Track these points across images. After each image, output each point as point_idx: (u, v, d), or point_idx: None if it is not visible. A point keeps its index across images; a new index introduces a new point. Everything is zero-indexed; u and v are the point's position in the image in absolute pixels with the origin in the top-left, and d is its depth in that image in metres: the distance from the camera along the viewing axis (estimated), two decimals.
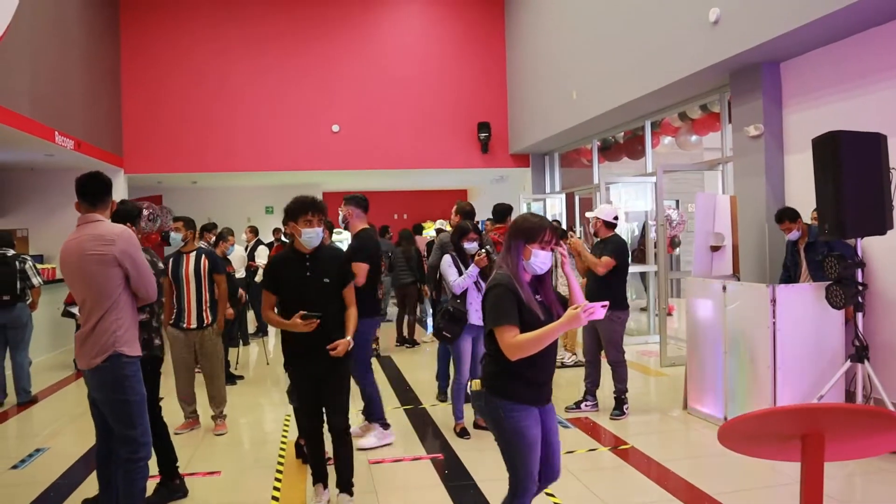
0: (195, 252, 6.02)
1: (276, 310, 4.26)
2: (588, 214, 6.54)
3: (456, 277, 5.63)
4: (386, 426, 5.60)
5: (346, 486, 4.26)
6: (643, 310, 11.12)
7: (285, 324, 4.09)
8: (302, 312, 4.02)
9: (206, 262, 5.97)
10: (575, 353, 8.37)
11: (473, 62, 13.75)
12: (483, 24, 13.77)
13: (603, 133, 11.38)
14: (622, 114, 9.74)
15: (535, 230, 2.99)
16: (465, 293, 5.63)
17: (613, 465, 4.99)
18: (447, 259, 5.74)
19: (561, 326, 2.76)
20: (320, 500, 4.26)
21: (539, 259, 2.97)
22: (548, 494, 4.39)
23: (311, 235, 4.11)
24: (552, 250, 3.02)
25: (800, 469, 2.23)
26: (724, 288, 5.71)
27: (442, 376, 7.02)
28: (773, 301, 5.20)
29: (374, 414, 5.53)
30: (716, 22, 6.79)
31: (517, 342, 2.82)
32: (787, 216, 6.07)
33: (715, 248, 6.70)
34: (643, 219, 11.00)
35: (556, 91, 11.21)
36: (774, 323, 5.20)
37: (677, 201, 15.57)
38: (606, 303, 2.72)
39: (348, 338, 4.19)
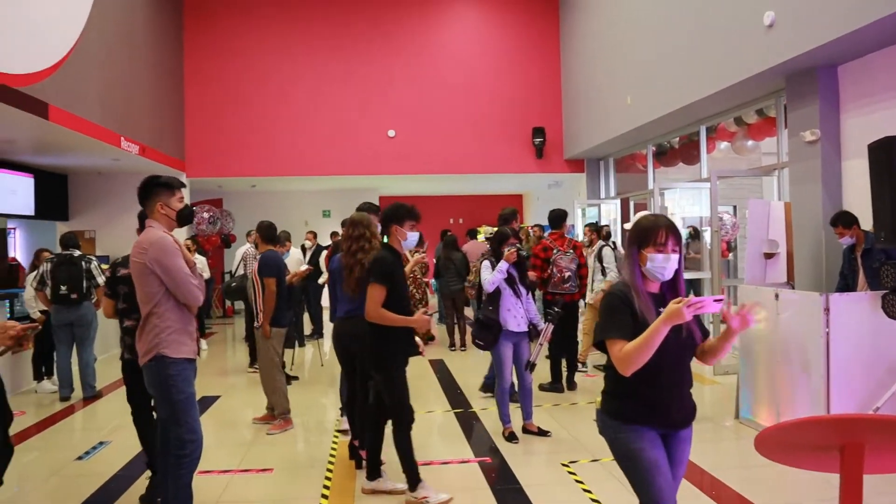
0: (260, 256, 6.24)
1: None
2: (626, 226, 6.54)
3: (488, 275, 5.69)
4: None
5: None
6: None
7: (407, 320, 4.35)
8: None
9: (256, 264, 6.17)
10: (584, 364, 8.39)
11: (528, 67, 13.79)
12: (538, 30, 13.81)
13: (658, 138, 11.29)
14: (677, 119, 9.66)
15: (647, 232, 2.68)
16: (498, 300, 5.65)
17: None
18: (485, 263, 5.79)
19: (663, 323, 2.47)
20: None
21: (657, 263, 2.66)
22: (594, 501, 4.41)
23: (415, 237, 4.60)
24: (674, 252, 2.68)
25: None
26: (777, 296, 5.63)
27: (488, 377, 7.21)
28: (826, 310, 5.09)
29: None
30: (770, 26, 6.70)
31: (624, 354, 2.56)
32: (841, 221, 5.94)
33: (769, 256, 6.59)
34: (697, 224, 10.79)
35: (610, 96, 11.17)
36: (828, 332, 5.09)
37: (734, 207, 15.26)
38: (722, 297, 2.49)
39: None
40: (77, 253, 7.60)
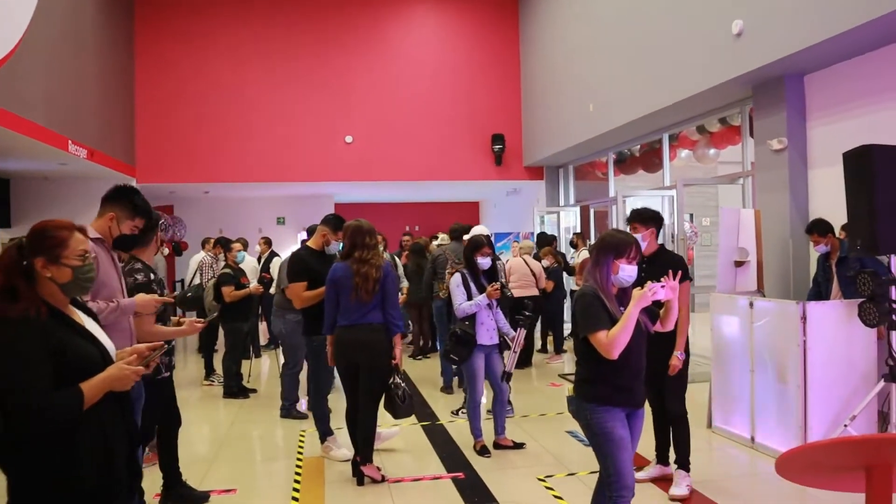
0: None
1: None
2: None
3: (463, 301, 5.49)
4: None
5: None
6: None
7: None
8: None
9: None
10: None
11: (488, 73, 13.69)
12: (497, 35, 13.73)
13: (619, 146, 11.29)
14: (640, 126, 9.65)
15: (622, 247, 3.22)
16: (474, 314, 5.49)
17: (638, 486, 4.83)
18: (456, 279, 5.58)
19: (634, 308, 3.04)
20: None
21: (626, 273, 3.21)
22: None
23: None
24: (636, 264, 3.24)
25: (864, 499, 2.11)
26: (751, 304, 5.59)
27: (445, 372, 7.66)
28: (804, 318, 5.07)
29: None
30: (739, 34, 6.70)
31: (610, 339, 3.05)
32: (816, 229, 5.94)
33: (739, 264, 6.58)
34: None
35: (571, 103, 11.13)
36: (805, 341, 5.06)
37: (691, 215, 15.48)
38: (665, 283, 3.11)
39: None
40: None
